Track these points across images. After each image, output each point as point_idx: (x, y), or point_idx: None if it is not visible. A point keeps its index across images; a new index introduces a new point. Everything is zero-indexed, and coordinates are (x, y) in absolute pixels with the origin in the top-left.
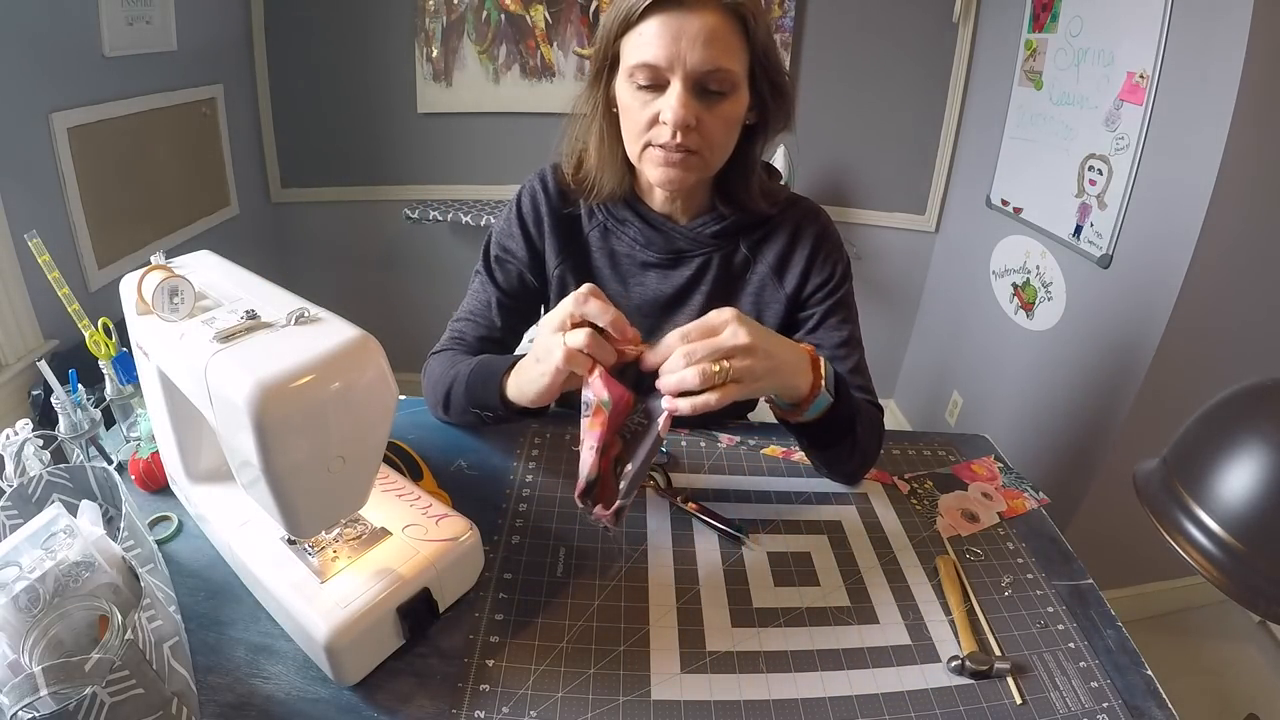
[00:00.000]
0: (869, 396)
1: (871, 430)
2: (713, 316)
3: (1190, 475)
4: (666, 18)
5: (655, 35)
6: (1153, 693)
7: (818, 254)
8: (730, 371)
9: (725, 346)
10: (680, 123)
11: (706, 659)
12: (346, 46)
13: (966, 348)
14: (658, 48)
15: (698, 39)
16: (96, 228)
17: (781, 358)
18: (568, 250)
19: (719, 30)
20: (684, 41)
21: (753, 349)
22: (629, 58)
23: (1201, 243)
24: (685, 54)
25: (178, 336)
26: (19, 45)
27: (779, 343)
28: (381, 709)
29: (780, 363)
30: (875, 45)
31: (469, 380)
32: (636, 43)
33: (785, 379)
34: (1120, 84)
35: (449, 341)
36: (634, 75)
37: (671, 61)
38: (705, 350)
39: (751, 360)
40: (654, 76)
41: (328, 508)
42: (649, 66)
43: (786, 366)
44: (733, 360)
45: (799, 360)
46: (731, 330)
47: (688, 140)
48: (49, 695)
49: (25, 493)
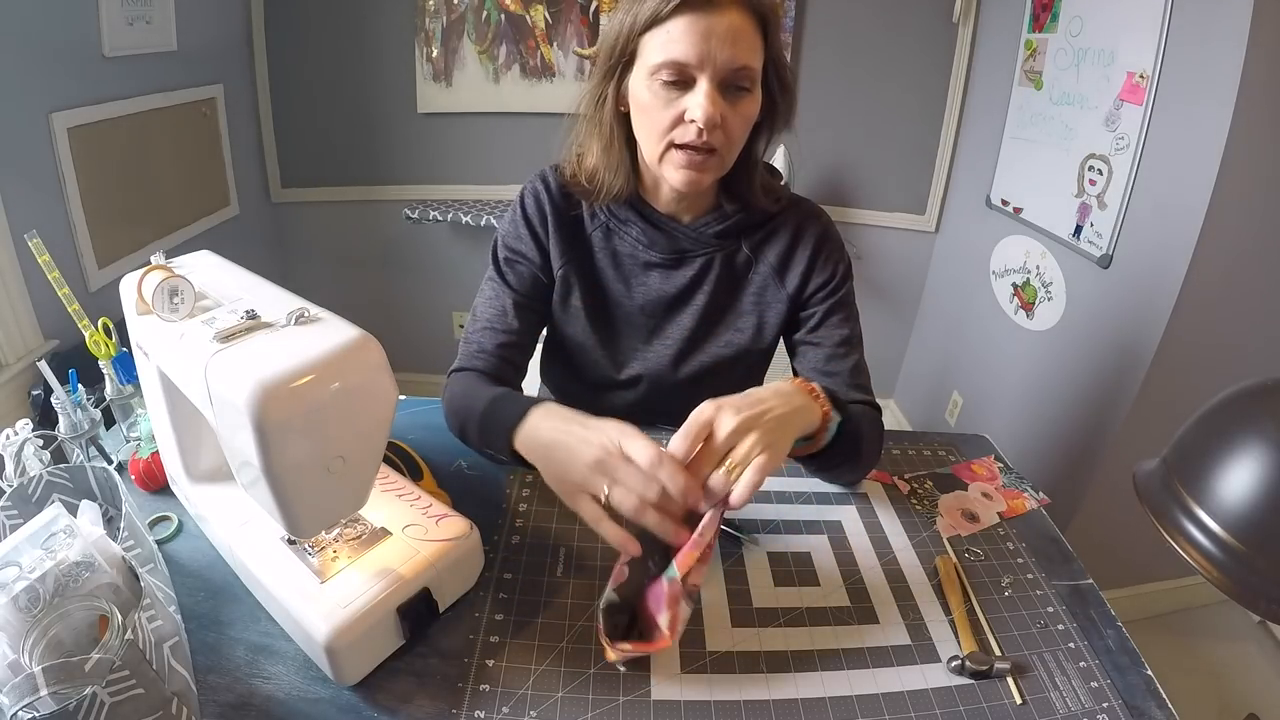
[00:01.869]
0: (867, 396)
1: (875, 436)
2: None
3: (1190, 475)
4: (695, 16)
5: (684, 33)
6: (1153, 693)
7: (819, 254)
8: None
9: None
10: (710, 120)
11: (706, 659)
12: (346, 46)
13: (966, 348)
14: (687, 45)
15: (726, 38)
16: (96, 228)
17: (781, 410)
18: (571, 250)
19: (744, 29)
20: (714, 40)
21: (747, 428)
22: (653, 55)
23: (1201, 242)
24: (715, 52)
25: (178, 336)
26: (19, 45)
27: (771, 399)
28: (381, 709)
29: (784, 413)
30: (875, 45)
31: (481, 423)
32: (663, 40)
33: (797, 422)
34: (1120, 84)
35: (469, 357)
36: (659, 73)
37: (701, 59)
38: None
39: (755, 436)
40: (680, 74)
41: (328, 508)
42: (677, 64)
43: (792, 413)
44: (736, 449)
45: (801, 401)
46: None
47: (713, 138)
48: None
49: (25, 493)
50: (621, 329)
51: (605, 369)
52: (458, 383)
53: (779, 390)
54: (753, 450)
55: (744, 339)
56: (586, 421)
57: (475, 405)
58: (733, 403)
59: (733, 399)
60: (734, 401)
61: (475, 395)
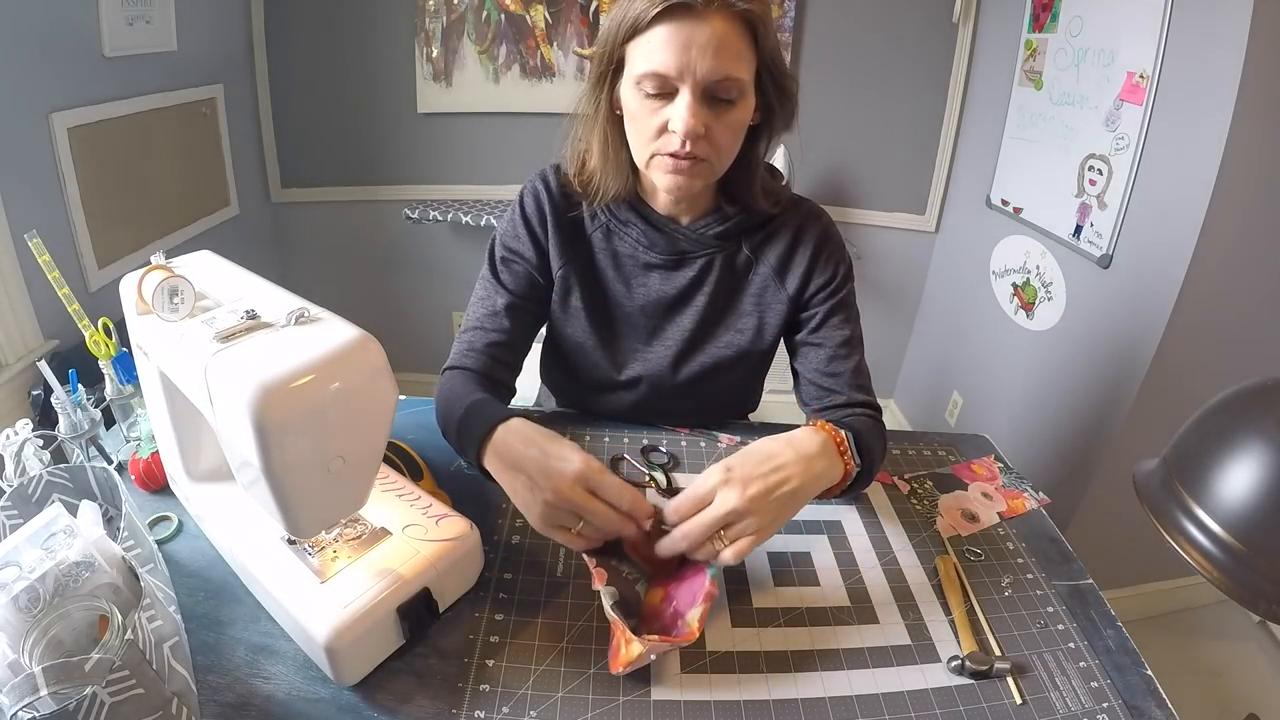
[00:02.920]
0: (868, 397)
1: (882, 450)
2: (702, 485)
3: (1190, 475)
4: (676, 25)
5: (664, 43)
6: (1153, 693)
7: (820, 255)
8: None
9: (718, 516)
10: (689, 133)
11: (706, 659)
12: (346, 46)
13: (966, 348)
14: (667, 56)
15: (707, 48)
16: (96, 228)
17: (795, 483)
18: (571, 251)
19: (728, 38)
20: (694, 51)
21: (747, 510)
22: (636, 65)
23: (1201, 243)
24: (695, 63)
25: (178, 336)
26: (19, 45)
27: (790, 466)
28: (381, 709)
29: (797, 486)
30: (875, 45)
31: (456, 434)
32: (645, 50)
33: (810, 492)
34: (1120, 84)
35: (460, 355)
36: (641, 83)
37: (681, 71)
38: (700, 530)
39: (752, 520)
40: (662, 85)
41: (328, 508)
42: (657, 75)
43: (809, 484)
44: (730, 527)
45: (822, 466)
46: (721, 498)
47: (697, 149)
48: (49, 695)
49: (25, 493)
50: (621, 330)
51: (605, 370)
52: (446, 382)
53: (803, 451)
54: (746, 530)
55: (744, 340)
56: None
57: (453, 413)
58: (743, 474)
59: (749, 463)
60: (746, 471)
61: (454, 402)
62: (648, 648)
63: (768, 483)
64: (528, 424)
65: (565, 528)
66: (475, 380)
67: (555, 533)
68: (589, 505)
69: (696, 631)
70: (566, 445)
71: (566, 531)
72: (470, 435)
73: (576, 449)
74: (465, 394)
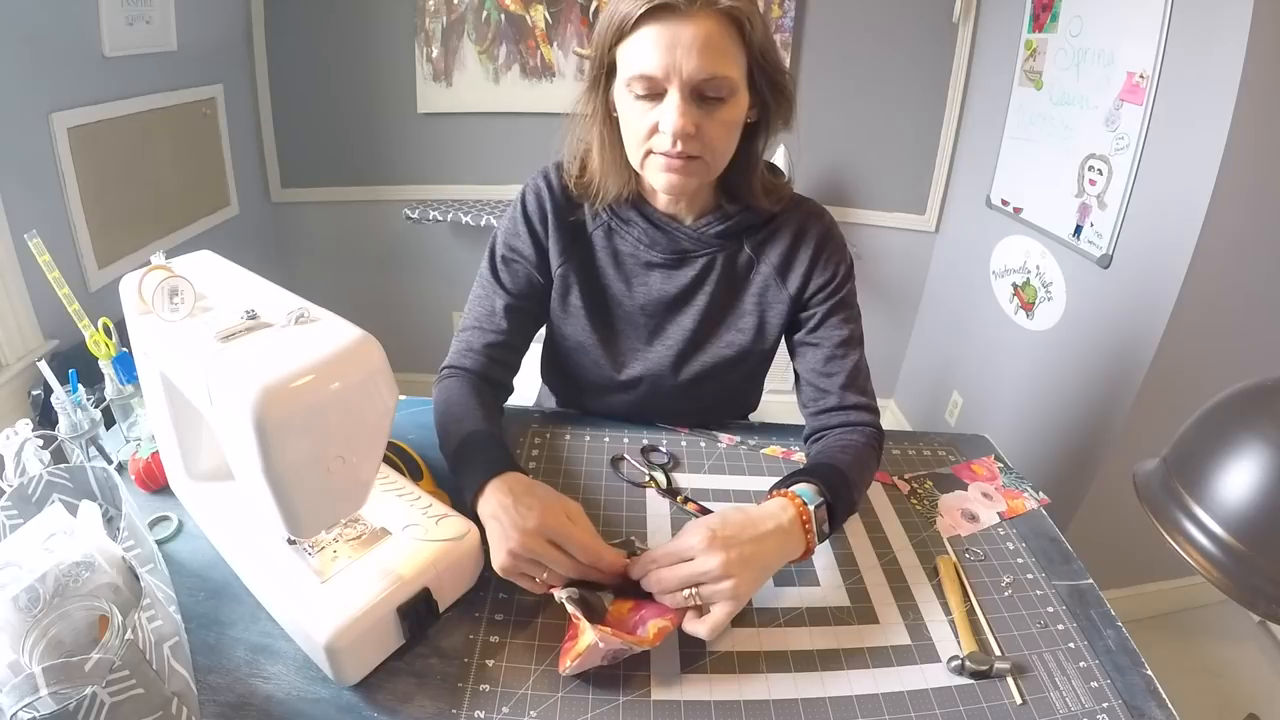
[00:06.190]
0: (863, 399)
1: (866, 481)
2: (682, 542)
3: (1190, 475)
4: (660, 27)
5: (650, 45)
6: (1153, 693)
7: (821, 254)
8: (701, 596)
9: (696, 574)
10: (679, 132)
11: (706, 659)
12: (346, 46)
13: (966, 348)
14: (653, 57)
15: (693, 47)
16: (96, 228)
17: (770, 558)
18: (572, 249)
19: (714, 36)
20: (679, 50)
21: (725, 575)
22: (625, 68)
23: (1201, 243)
24: (681, 63)
25: (178, 336)
26: (19, 45)
27: (769, 538)
28: (381, 709)
29: (770, 561)
30: (875, 45)
31: (453, 464)
32: (632, 52)
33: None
34: (1120, 84)
35: (458, 355)
36: (631, 85)
37: (668, 71)
38: (675, 581)
39: (728, 584)
40: (651, 86)
41: (328, 508)
42: (645, 77)
43: (779, 558)
44: (703, 586)
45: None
46: (702, 559)
47: (688, 147)
48: (49, 695)
49: (25, 493)
50: (622, 329)
51: (605, 369)
52: (444, 390)
53: (781, 525)
54: (720, 595)
55: (745, 339)
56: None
57: (449, 438)
58: (724, 539)
59: (731, 528)
60: (729, 535)
61: (450, 425)
62: (599, 638)
63: (745, 551)
64: (516, 478)
65: (529, 576)
66: (473, 386)
67: (518, 579)
68: (549, 555)
69: (652, 640)
70: (540, 497)
71: (530, 580)
72: (466, 480)
73: (550, 502)
74: (462, 415)
